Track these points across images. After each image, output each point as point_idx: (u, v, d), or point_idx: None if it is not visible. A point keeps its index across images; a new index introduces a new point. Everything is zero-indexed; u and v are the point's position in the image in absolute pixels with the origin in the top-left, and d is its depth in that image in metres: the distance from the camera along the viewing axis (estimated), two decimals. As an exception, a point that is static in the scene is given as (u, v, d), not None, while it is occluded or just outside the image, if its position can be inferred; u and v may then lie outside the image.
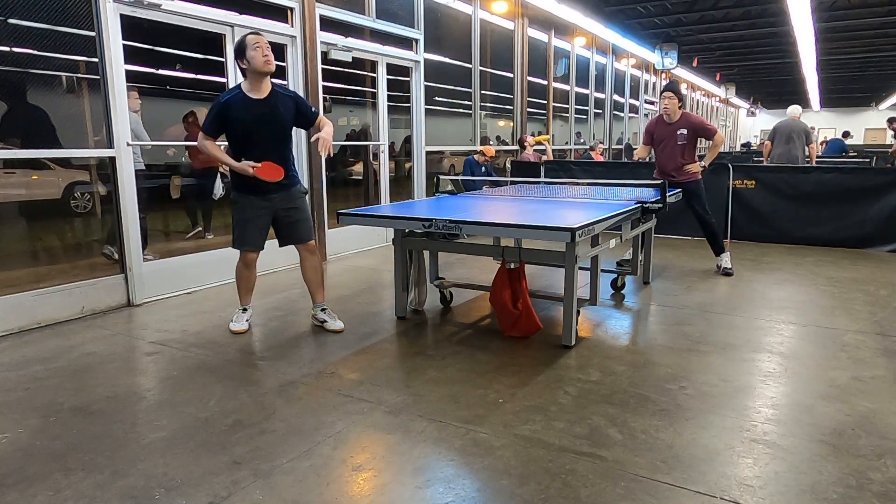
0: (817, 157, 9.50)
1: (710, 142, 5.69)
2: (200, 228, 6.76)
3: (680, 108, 5.58)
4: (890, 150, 11.79)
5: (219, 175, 6.55)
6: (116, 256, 4.77)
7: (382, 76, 7.25)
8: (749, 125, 37.92)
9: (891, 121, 11.84)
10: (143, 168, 5.34)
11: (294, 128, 3.94)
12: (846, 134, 14.21)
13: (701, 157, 5.72)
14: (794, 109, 8.58)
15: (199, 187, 6.92)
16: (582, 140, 13.31)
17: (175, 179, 6.64)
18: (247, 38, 3.66)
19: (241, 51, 3.65)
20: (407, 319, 4.36)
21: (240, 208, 3.88)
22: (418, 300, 4.54)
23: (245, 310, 4.15)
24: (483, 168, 7.92)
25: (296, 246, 4.04)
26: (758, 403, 2.94)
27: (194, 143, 6.52)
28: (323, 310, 4.15)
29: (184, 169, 6.99)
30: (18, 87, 4.42)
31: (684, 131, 5.55)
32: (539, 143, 9.72)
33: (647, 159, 6.39)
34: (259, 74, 3.67)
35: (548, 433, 2.63)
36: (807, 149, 8.43)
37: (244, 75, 3.73)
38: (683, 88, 21.71)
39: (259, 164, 3.69)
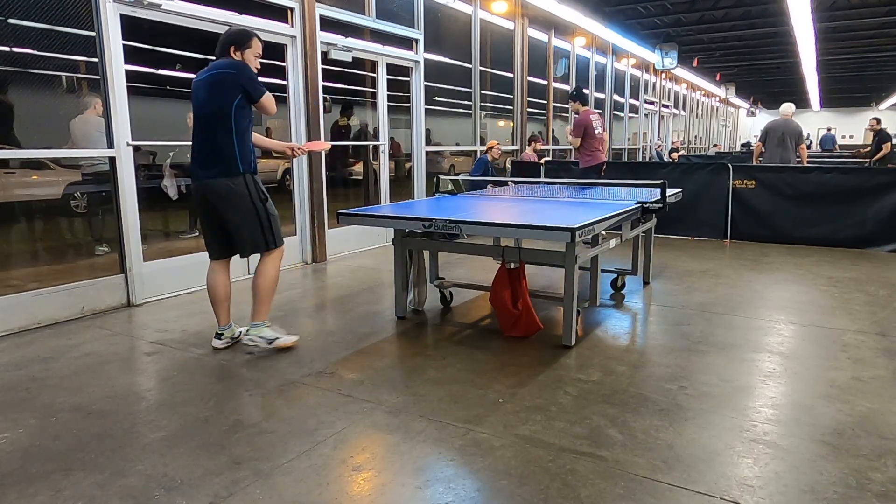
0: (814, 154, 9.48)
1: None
2: (198, 232, 6.74)
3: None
4: (866, 150, 11.84)
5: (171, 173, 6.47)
6: (108, 249, 4.80)
7: (382, 76, 7.26)
8: (749, 125, 37.90)
9: (877, 121, 11.83)
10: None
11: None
12: (828, 129, 15.16)
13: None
14: (788, 108, 8.23)
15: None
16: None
17: (166, 180, 6.56)
18: (254, 40, 3.54)
19: (243, 44, 3.50)
20: (407, 319, 4.36)
21: (269, 200, 3.58)
22: (418, 300, 4.53)
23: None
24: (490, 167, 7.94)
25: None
26: (758, 403, 2.94)
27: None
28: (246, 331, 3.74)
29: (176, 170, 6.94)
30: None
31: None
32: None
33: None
34: None
35: (548, 433, 2.63)
36: (798, 150, 8.17)
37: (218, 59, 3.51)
38: (684, 88, 21.72)
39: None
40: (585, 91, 7.43)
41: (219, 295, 3.69)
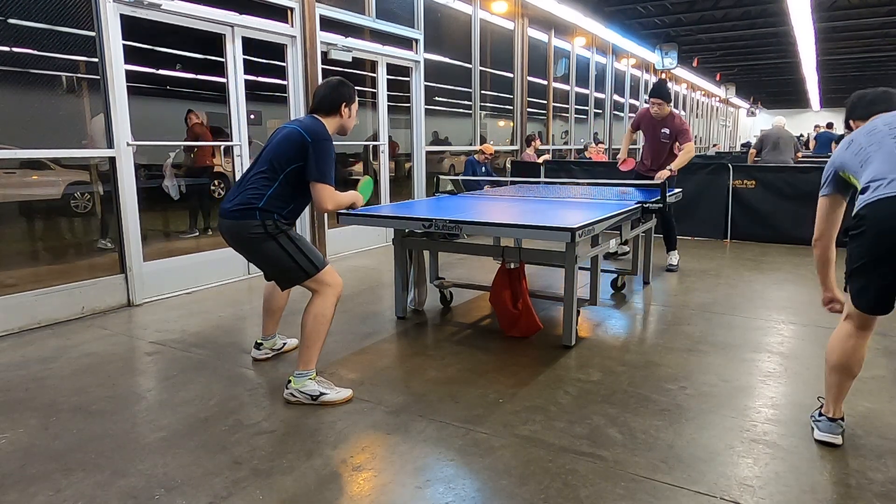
0: (807, 154, 9.84)
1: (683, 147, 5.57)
2: (198, 232, 6.75)
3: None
4: None
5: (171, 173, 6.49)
6: (111, 245, 4.82)
7: (382, 76, 7.25)
8: (749, 125, 37.92)
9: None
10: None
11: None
12: (830, 125, 14.80)
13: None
14: (780, 120, 9.07)
15: (199, 187, 6.93)
16: (582, 140, 13.30)
17: (167, 180, 6.59)
18: (355, 93, 3.23)
19: (352, 100, 3.20)
20: (407, 319, 4.36)
21: (293, 231, 3.17)
22: (418, 300, 4.54)
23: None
24: (483, 167, 7.93)
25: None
26: (758, 403, 2.94)
27: (194, 143, 6.48)
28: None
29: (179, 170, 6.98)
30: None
31: (667, 131, 5.62)
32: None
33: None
34: (337, 132, 3.23)
35: (548, 433, 2.63)
36: (797, 157, 8.87)
37: (317, 114, 3.13)
38: (684, 88, 21.69)
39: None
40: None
41: (269, 306, 3.56)
